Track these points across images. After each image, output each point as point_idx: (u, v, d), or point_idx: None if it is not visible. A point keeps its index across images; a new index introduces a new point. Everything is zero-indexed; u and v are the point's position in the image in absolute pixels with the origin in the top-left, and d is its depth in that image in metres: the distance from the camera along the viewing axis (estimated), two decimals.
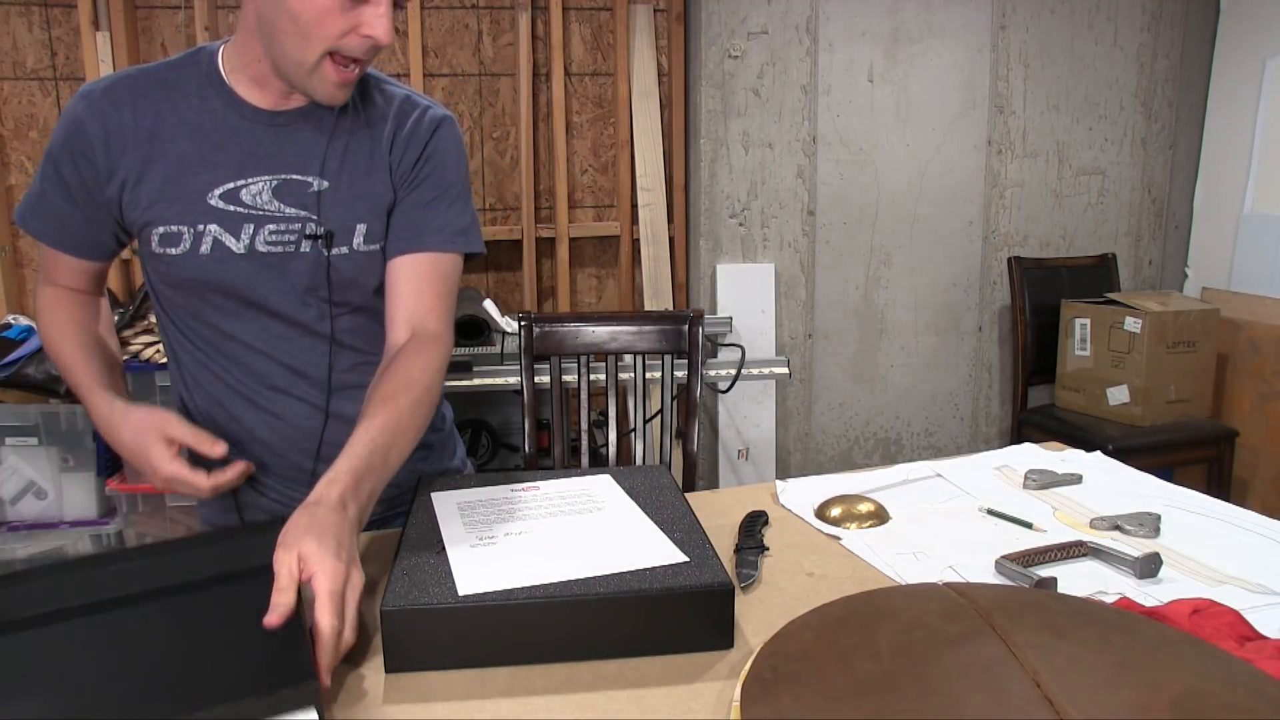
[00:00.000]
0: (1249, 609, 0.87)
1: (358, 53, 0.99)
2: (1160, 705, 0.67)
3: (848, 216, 2.97)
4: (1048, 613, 0.81)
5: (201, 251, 1.06)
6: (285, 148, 1.07)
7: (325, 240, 1.08)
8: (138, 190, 1.05)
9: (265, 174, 1.07)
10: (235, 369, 1.13)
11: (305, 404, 1.14)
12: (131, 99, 1.05)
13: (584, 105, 2.87)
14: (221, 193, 1.06)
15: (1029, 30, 2.98)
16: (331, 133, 1.09)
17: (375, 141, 1.11)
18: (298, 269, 1.09)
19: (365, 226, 1.10)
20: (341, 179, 1.09)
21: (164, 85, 1.06)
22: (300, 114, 1.08)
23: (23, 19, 2.50)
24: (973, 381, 3.18)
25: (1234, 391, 2.95)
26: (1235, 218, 3.07)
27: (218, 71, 1.07)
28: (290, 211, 1.07)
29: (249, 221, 1.06)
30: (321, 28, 0.96)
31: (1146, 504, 1.17)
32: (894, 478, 1.29)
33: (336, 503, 0.86)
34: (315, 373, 1.14)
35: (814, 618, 0.82)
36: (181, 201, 1.05)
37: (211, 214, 1.05)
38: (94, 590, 0.91)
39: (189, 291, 1.09)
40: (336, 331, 1.13)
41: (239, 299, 1.09)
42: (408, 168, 1.12)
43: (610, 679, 0.80)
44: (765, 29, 2.79)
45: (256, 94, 1.07)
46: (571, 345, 1.65)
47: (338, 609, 0.78)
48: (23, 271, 2.63)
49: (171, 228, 1.05)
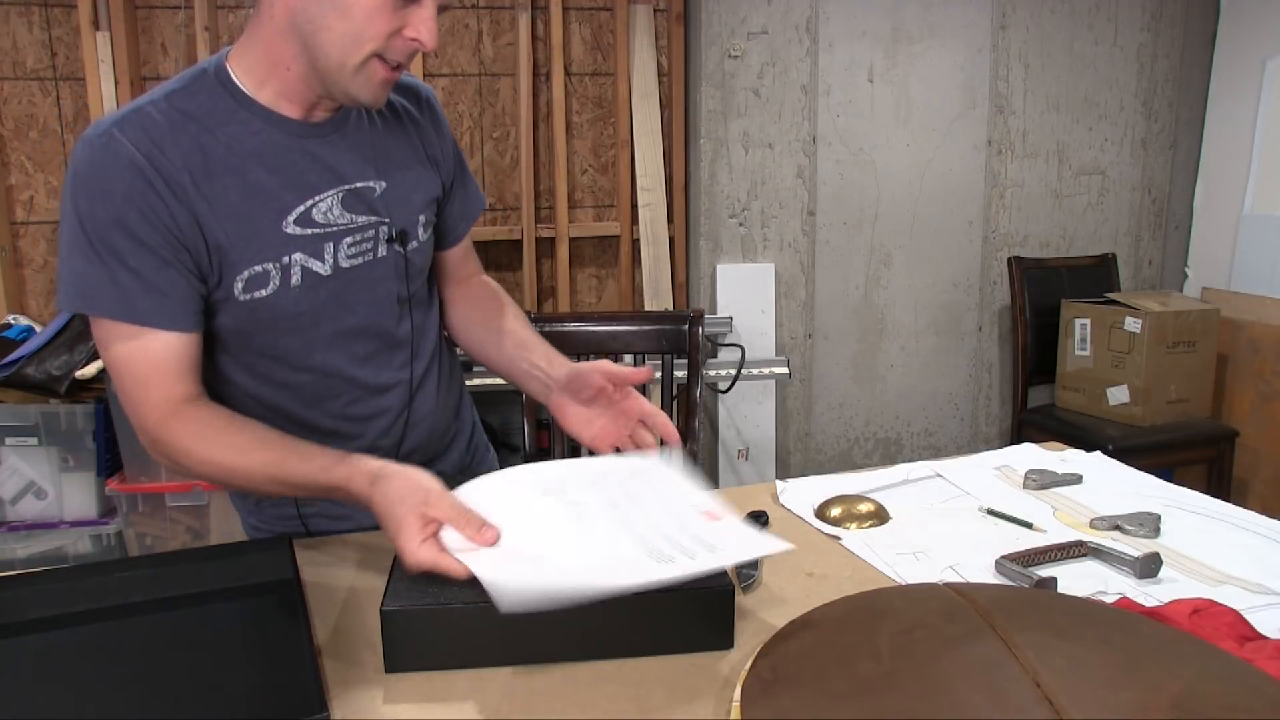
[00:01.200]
0: (1249, 609, 0.87)
1: (402, 56, 0.95)
2: (1160, 705, 0.67)
3: (848, 216, 2.97)
4: (1048, 613, 0.81)
5: (292, 284, 1.00)
6: (341, 157, 1.03)
7: (400, 239, 1.08)
8: (206, 237, 0.95)
9: (330, 188, 1.01)
10: (313, 408, 1.08)
11: (384, 418, 1.12)
12: (168, 135, 0.93)
13: (584, 105, 2.87)
14: (296, 217, 0.99)
15: (1029, 30, 2.98)
16: (370, 132, 1.07)
17: (406, 130, 1.11)
18: (381, 274, 1.07)
19: (424, 216, 1.12)
20: (395, 176, 1.08)
21: (189, 118, 0.95)
22: (336, 122, 1.03)
23: (23, 19, 2.50)
24: (973, 381, 3.18)
25: (1234, 391, 2.95)
26: (1235, 218, 3.07)
27: (241, 90, 0.98)
28: (362, 220, 1.04)
29: (328, 240, 1.02)
30: (372, 26, 0.91)
31: (1146, 504, 1.17)
32: (894, 478, 1.29)
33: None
34: (397, 386, 1.12)
35: (814, 618, 0.82)
36: (259, 238, 0.97)
37: (292, 243, 0.99)
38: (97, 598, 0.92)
39: (279, 331, 1.01)
40: (413, 330, 1.13)
41: (331, 322, 1.04)
42: (447, 152, 1.16)
43: (610, 679, 0.80)
44: (765, 29, 2.79)
45: (286, 107, 0.99)
46: (571, 345, 1.65)
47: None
48: (22, 272, 2.63)
49: (256, 268, 0.97)
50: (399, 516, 0.83)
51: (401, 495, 0.84)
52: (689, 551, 0.81)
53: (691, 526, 0.85)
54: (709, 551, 0.81)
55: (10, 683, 0.79)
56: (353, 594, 0.97)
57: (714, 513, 0.88)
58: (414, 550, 0.81)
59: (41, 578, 0.95)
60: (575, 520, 0.88)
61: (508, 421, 2.84)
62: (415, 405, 1.15)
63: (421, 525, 0.82)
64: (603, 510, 0.90)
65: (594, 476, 0.97)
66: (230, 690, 0.77)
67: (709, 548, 0.81)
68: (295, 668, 0.79)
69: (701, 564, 0.78)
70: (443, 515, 0.83)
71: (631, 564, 0.79)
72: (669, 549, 0.81)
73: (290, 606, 0.89)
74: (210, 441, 0.94)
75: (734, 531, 0.85)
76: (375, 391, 1.11)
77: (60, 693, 0.78)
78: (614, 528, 0.86)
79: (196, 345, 0.98)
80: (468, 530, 0.82)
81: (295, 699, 0.74)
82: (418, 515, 0.82)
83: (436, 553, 0.81)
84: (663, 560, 0.79)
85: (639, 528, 0.86)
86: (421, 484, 0.85)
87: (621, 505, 0.91)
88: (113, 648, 0.85)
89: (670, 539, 0.83)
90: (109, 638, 0.86)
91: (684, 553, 0.80)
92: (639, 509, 0.89)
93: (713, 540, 0.83)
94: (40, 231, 2.61)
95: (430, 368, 1.17)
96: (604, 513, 0.89)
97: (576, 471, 1.00)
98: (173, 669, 0.81)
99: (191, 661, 0.82)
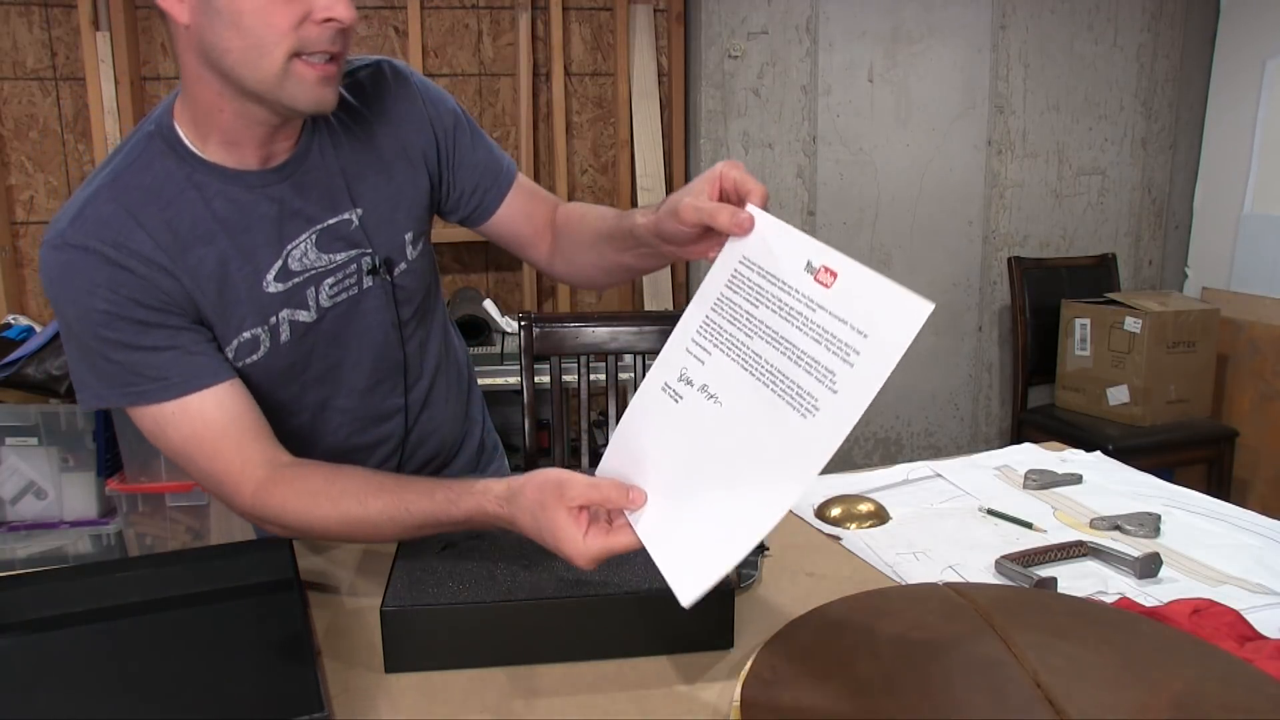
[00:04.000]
0: (1249, 609, 0.87)
1: (325, 45, 0.84)
2: (1160, 705, 0.67)
3: (848, 216, 2.96)
4: (1048, 613, 0.81)
5: (282, 341, 0.96)
6: (308, 196, 0.96)
7: (385, 267, 1.01)
8: (198, 306, 0.92)
9: (301, 232, 0.96)
10: (312, 445, 1.05)
11: (388, 444, 1.11)
12: (129, 222, 0.88)
13: (584, 105, 2.87)
14: (275, 274, 0.94)
15: (1029, 30, 2.98)
16: (335, 156, 0.98)
17: (373, 134, 1.01)
18: (370, 306, 1.02)
19: (411, 232, 1.04)
20: (371, 198, 1.00)
21: (148, 193, 0.89)
22: (297, 159, 0.95)
23: (23, 19, 2.49)
24: (973, 381, 3.18)
25: (1234, 391, 2.95)
26: (1235, 218, 3.07)
27: (191, 150, 0.91)
28: (341, 257, 0.98)
29: (309, 286, 0.97)
30: (269, 27, 0.82)
31: (1146, 504, 1.17)
32: (894, 478, 1.29)
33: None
34: (397, 414, 1.10)
35: (814, 618, 0.83)
36: (242, 304, 0.93)
37: (276, 301, 0.95)
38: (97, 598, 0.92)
39: (273, 385, 0.98)
40: (408, 356, 1.08)
41: (323, 362, 1.01)
42: (436, 115, 1.04)
43: (610, 679, 0.80)
44: (765, 29, 2.79)
45: (238, 156, 0.92)
46: (571, 345, 1.64)
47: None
48: (23, 272, 2.62)
49: (245, 335, 0.94)
50: (548, 526, 0.76)
51: (541, 503, 0.77)
52: (823, 370, 0.70)
53: (815, 314, 0.72)
54: (844, 361, 0.70)
55: (10, 683, 0.79)
56: (353, 594, 0.97)
57: (829, 266, 0.74)
58: (581, 551, 0.75)
59: (41, 578, 0.95)
60: (714, 418, 0.76)
61: (508, 421, 2.84)
62: (418, 427, 1.13)
63: (574, 522, 0.76)
64: (737, 382, 0.76)
65: (713, 329, 0.79)
66: (230, 690, 0.77)
67: (843, 351, 0.70)
68: (295, 668, 0.79)
69: (844, 384, 0.69)
70: (584, 500, 0.76)
71: (779, 468, 0.70)
72: (805, 378, 0.71)
73: (290, 606, 0.89)
74: (319, 498, 0.88)
75: (858, 288, 0.72)
76: (375, 420, 1.08)
77: (60, 693, 0.78)
78: (752, 400, 0.74)
79: (245, 390, 0.93)
80: (619, 499, 0.77)
81: (295, 699, 0.74)
82: (565, 513, 0.76)
83: (604, 539, 0.76)
84: (808, 410, 0.70)
85: (773, 369, 0.73)
86: (549, 481, 0.78)
87: (748, 349, 0.76)
88: (113, 648, 0.85)
89: (803, 359, 0.71)
90: (109, 638, 0.86)
91: (819, 375, 0.70)
92: (766, 345, 0.75)
93: (842, 314, 0.71)
94: (40, 231, 2.61)
95: (434, 383, 1.14)
96: (738, 386, 0.76)
97: (696, 327, 0.80)
98: (173, 669, 0.81)
99: (191, 661, 0.82)
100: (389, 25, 2.68)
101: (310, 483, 0.89)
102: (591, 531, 0.76)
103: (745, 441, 0.74)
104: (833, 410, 0.69)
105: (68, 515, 2.29)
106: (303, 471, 0.90)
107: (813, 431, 0.69)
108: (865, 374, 0.70)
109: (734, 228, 0.76)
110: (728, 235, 0.77)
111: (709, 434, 0.76)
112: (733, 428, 0.75)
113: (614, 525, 0.77)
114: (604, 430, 2.57)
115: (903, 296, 0.71)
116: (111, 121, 2.49)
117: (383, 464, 1.11)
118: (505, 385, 2.45)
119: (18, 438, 2.22)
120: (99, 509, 2.30)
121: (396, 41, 2.69)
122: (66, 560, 2.27)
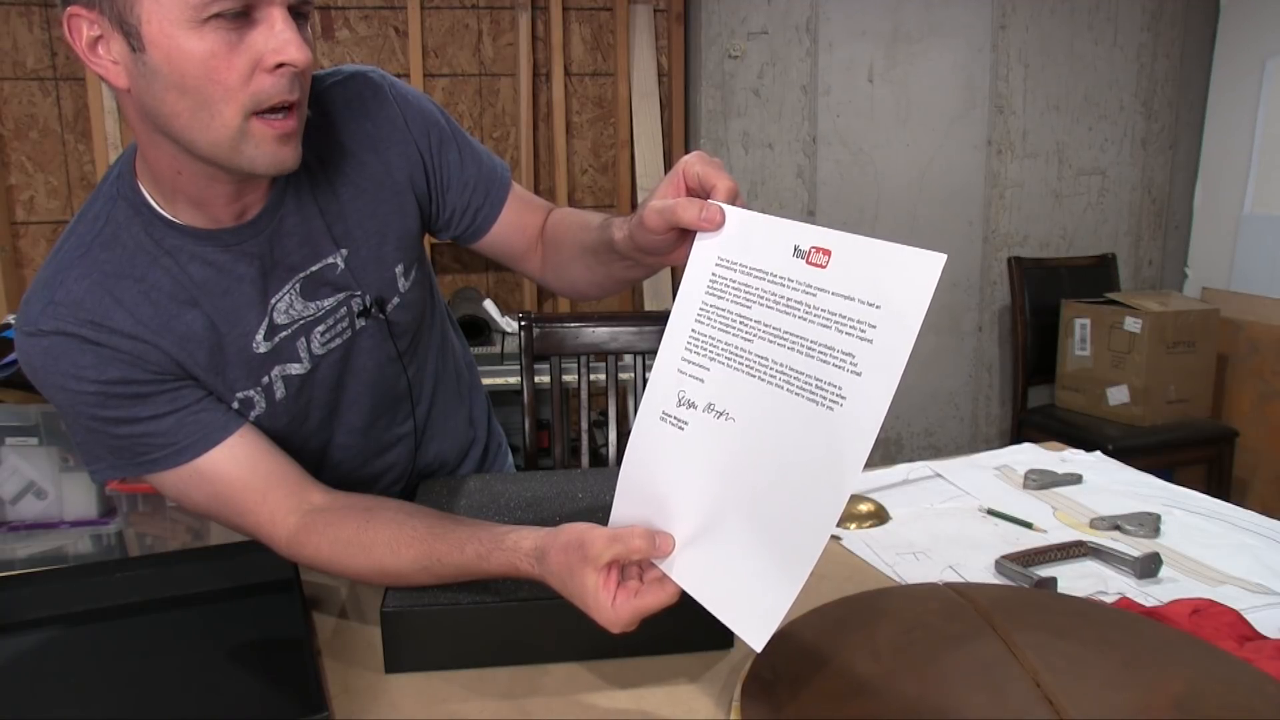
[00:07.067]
0: (1249, 609, 0.87)
1: (281, 92, 0.75)
2: (1160, 705, 0.67)
3: (848, 216, 2.96)
4: (1048, 613, 0.81)
5: (278, 398, 0.93)
6: (288, 245, 0.90)
7: (377, 306, 0.96)
8: (190, 372, 0.89)
9: (284, 284, 0.90)
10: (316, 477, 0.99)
11: (393, 472, 1.10)
12: (104, 302, 0.83)
13: (584, 105, 2.87)
14: (263, 334, 0.90)
15: (1029, 30, 2.98)
16: (315, 197, 0.91)
17: (354, 168, 0.93)
18: (366, 345, 0.98)
19: (402, 264, 0.98)
20: (357, 235, 0.94)
21: (120, 266, 0.84)
22: (272, 208, 0.88)
23: (23, 19, 2.49)
24: (973, 381, 3.18)
25: (1234, 391, 2.95)
26: (1235, 218, 3.07)
27: (159, 213, 0.85)
28: (329, 302, 0.93)
29: (298, 337, 0.92)
30: (216, 83, 0.73)
31: (1146, 504, 1.17)
32: (894, 478, 1.29)
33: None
34: (400, 442, 1.09)
35: (814, 618, 0.83)
36: (233, 368, 0.89)
37: (267, 360, 0.91)
38: (97, 598, 0.92)
39: (274, 438, 0.93)
40: (411, 382, 1.05)
41: (322, 409, 0.98)
42: (414, 160, 0.96)
43: (610, 679, 0.80)
44: (765, 29, 2.79)
45: (208, 216, 0.85)
46: (571, 345, 1.64)
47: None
48: (22, 272, 2.62)
49: (239, 396, 0.90)
50: (576, 592, 0.72)
51: (568, 566, 0.73)
52: (840, 355, 0.65)
53: (816, 299, 0.68)
54: (860, 339, 0.65)
55: (10, 683, 0.79)
56: (353, 594, 0.97)
57: (819, 245, 0.71)
58: (611, 620, 0.71)
59: (41, 578, 0.95)
60: (730, 437, 0.70)
61: (508, 421, 2.83)
62: (423, 450, 1.12)
63: (602, 586, 0.71)
64: (746, 393, 0.69)
65: (704, 342, 0.73)
66: (230, 690, 0.77)
67: (857, 330, 0.66)
68: (295, 668, 0.79)
69: (867, 363, 0.65)
70: (610, 555, 0.71)
71: (816, 472, 0.64)
72: (822, 368, 0.65)
73: (290, 606, 0.89)
74: (352, 547, 0.85)
75: (857, 260, 0.68)
76: (379, 451, 1.07)
77: (60, 693, 0.78)
78: (767, 407, 0.67)
79: (259, 434, 0.90)
80: (642, 556, 0.72)
81: (295, 699, 0.74)
82: (593, 576, 0.71)
83: (634, 601, 0.71)
84: (833, 401, 0.64)
85: (784, 368, 0.67)
86: (571, 542, 0.73)
87: (750, 354, 0.70)
88: (113, 648, 0.85)
89: (814, 349, 0.66)
90: (109, 638, 0.86)
91: (837, 361, 0.65)
92: (769, 345, 0.69)
93: (846, 291, 0.67)
94: (40, 231, 2.61)
95: (435, 402, 1.12)
96: (749, 396, 0.69)
97: (686, 334, 0.74)
98: (173, 669, 0.81)
99: (192, 661, 0.82)
100: (389, 25, 2.68)
101: (342, 530, 0.85)
102: (620, 595, 0.71)
103: (771, 454, 0.66)
104: (861, 394, 0.63)
105: (68, 515, 2.29)
106: (335, 519, 0.86)
107: (844, 422, 0.63)
108: (888, 345, 0.64)
109: (701, 223, 0.70)
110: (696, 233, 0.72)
111: (728, 455, 0.69)
112: (753, 442, 0.68)
113: (646, 579, 0.73)
114: (604, 430, 2.57)
115: (910, 254, 0.65)
116: (111, 121, 2.49)
117: (389, 489, 1.10)
118: (505, 385, 2.45)
119: (18, 438, 2.22)
120: (99, 509, 2.30)
121: (396, 41, 2.69)
122: (66, 560, 2.26)
